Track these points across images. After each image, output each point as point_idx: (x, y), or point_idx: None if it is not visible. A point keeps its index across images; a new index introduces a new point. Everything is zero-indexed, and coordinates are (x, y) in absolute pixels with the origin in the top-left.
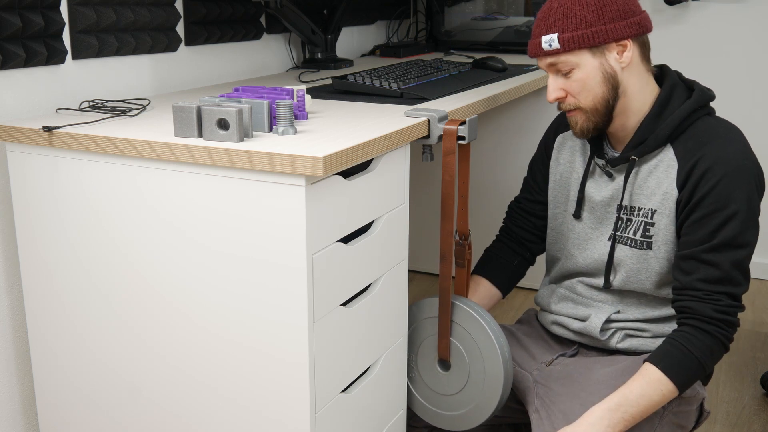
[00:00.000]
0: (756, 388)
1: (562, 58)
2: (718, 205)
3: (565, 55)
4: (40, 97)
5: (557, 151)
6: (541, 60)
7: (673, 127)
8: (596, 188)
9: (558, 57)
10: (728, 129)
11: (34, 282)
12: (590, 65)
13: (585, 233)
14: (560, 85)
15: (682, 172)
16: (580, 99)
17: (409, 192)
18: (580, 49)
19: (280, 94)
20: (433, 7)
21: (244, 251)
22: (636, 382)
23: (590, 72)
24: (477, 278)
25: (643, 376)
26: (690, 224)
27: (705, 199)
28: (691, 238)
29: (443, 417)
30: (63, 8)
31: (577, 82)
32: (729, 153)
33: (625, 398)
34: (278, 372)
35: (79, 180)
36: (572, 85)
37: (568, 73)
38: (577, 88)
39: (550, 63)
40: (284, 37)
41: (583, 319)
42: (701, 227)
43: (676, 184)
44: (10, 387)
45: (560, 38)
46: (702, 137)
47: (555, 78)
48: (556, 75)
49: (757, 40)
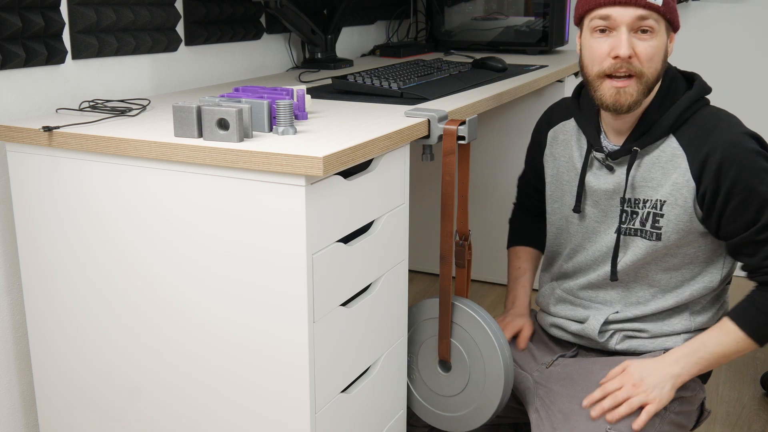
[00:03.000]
0: (756, 388)
1: (655, 16)
2: (750, 188)
3: (658, 16)
4: (40, 97)
5: (551, 145)
6: (630, 9)
7: (676, 116)
8: (597, 181)
9: (653, 13)
10: (728, 115)
11: (34, 282)
12: (664, 39)
13: (592, 227)
14: (633, 44)
15: (694, 162)
16: (646, 66)
17: (409, 192)
18: (668, 20)
19: (280, 94)
20: (433, 7)
21: (244, 251)
22: (713, 331)
23: (662, 45)
24: (514, 249)
25: (721, 327)
26: (729, 213)
27: (735, 187)
28: (736, 226)
29: (444, 418)
30: (63, 8)
31: (652, 48)
32: (737, 133)
33: (702, 345)
34: (278, 372)
35: (79, 180)
36: (647, 49)
37: (648, 35)
38: (649, 53)
39: (641, 15)
40: (284, 37)
41: (581, 320)
42: (742, 214)
43: (692, 175)
44: (10, 387)
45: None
46: (706, 125)
47: (629, 35)
48: (632, 33)
49: (757, 40)
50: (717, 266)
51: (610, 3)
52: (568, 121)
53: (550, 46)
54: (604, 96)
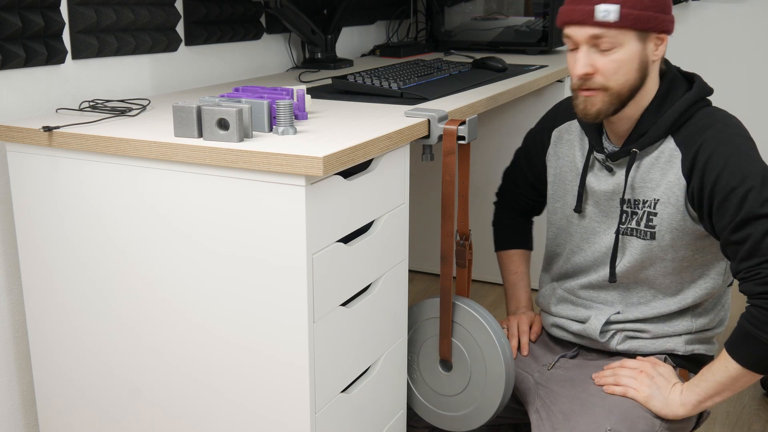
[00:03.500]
0: (756, 388)
1: (612, 32)
2: (733, 184)
3: (616, 31)
4: (40, 97)
5: (555, 145)
6: (584, 29)
7: (674, 118)
8: (597, 182)
9: (607, 31)
10: (726, 115)
11: (34, 282)
12: (633, 48)
13: (592, 227)
14: (592, 60)
15: (686, 160)
16: (611, 80)
17: (409, 192)
18: (633, 30)
19: (280, 94)
20: (433, 7)
21: (244, 251)
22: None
23: (631, 55)
24: (506, 253)
25: (719, 356)
26: (716, 212)
27: (718, 183)
28: (721, 225)
29: (445, 417)
30: (63, 8)
31: (615, 62)
32: (730, 133)
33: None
34: (278, 372)
35: (79, 180)
36: (608, 64)
37: (608, 50)
38: (612, 68)
39: (593, 35)
40: (284, 37)
41: (582, 321)
42: (725, 211)
43: (683, 173)
44: (10, 387)
45: (622, 11)
46: (701, 124)
47: (588, 52)
48: (591, 49)
49: (757, 40)
50: (718, 270)
51: (567, 23)
52: (573, 121)
53: (550, 46)
54: (577, 107)
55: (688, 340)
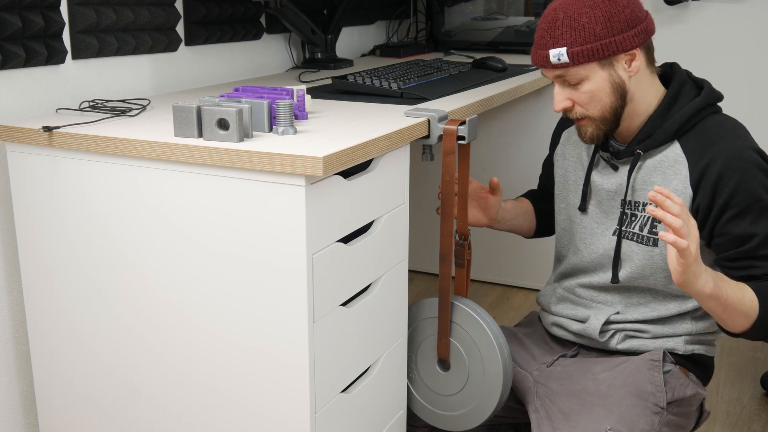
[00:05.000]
0: (756, 388)
1: (571, 71)
2: (749, 200)
3: (574, 68)
4: (40, 97)
5: (563, 144)
6: (548, 71)
7: (680, 123)
8: (601, 180)
9: (567, 70)
10: (735, 125)
11: (34, 282)
12: (599, 77)
13: (591, 227)
14: (567, 95)
15: (694, 171)
16: (589, 109)
17: (409, 192)
18: (590, 62)
19: (280, 94)
20: (433, 7)
21: (244, 251)
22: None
23: (599, 83)
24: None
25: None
26: (723, 224)
27: (732, 199)
28: (729, 237)
29: (443, 417)
30: (63, 8)
31: (585, 93)
32: (741, 149)
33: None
34: (278, 372)
35: (79, 180)
36: (580, 96)
37: (577, 84)
38: (585, 99)
39: (557, 75)
40: (284, 37)
41: (582, 320)
42: (737, 225)
43: (690, 183)
44: (10, 387)
45: (569, 52)
46: (710, 134)
47: (562, 88)
48: (563, 85)
49: (757, 40)
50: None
51: (534, 64)
52: None
53: None
54: (577, 132)
55: (689, 341)
